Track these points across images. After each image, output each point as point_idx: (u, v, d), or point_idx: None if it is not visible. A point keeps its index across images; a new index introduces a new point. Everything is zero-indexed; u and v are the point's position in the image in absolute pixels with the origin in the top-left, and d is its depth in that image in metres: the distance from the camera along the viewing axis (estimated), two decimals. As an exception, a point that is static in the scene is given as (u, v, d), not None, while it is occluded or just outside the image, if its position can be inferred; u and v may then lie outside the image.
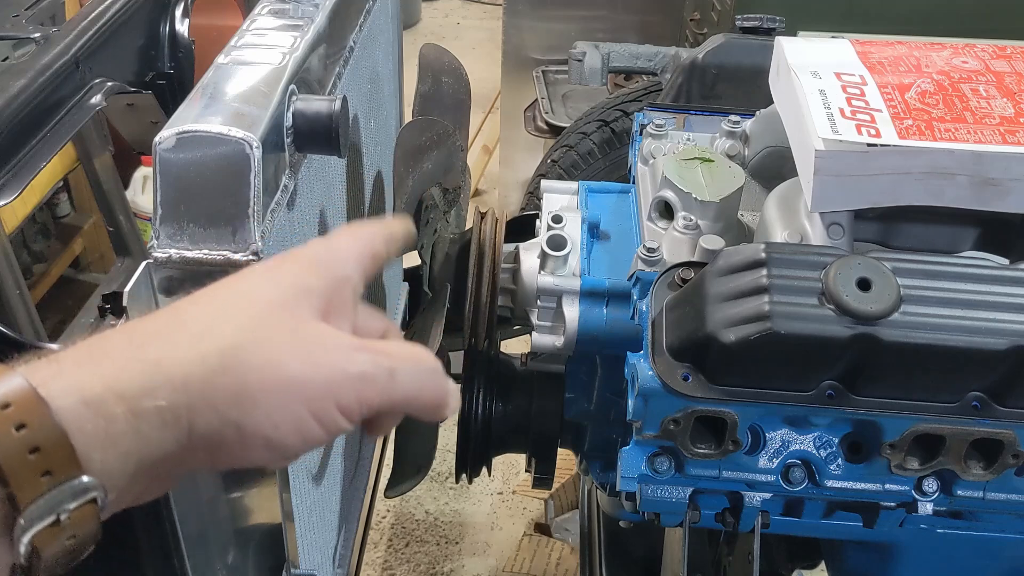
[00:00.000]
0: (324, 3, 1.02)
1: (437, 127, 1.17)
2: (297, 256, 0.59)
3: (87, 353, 0.50)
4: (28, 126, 1.05)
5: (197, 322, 0.53)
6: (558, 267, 1.06)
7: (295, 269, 0.58)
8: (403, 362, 0.57)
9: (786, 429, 0.82)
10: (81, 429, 0.47)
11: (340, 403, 0.54)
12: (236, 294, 0.56)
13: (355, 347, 0.55)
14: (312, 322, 0.55)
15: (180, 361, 0.50)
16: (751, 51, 1.33)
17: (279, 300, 0.55)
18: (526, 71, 3.09)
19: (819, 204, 0.84)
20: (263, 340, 0.52)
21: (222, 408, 0.51)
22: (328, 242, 0.62)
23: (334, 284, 0.58)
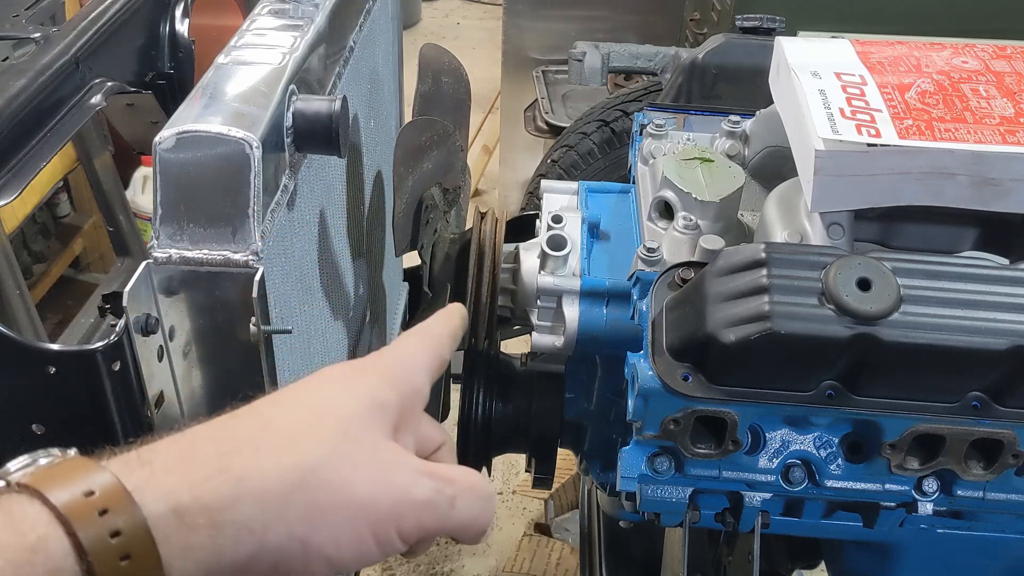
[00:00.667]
0: (324, 3, 1.02)
1: (437, 127, 1.17)
2: (375, 366, 0.61)
3: (177, 456, 0.52)
4: (28, 126, 1.05)
5: (280, 432, 0.54)
6: (558, 267, 1.06)
7: (372, 381, 0.59)
8: (463, 491, 0.58)
9: (786, 429, 0.82)
10: (167, 538, 0.49)
11: (400, 528, 0.55)
12: (317, 404, 0.57)
13: (422, 472, 0.57)
14: (385, 441, 0.57)
15: (262, 474, 0.52)
16: (751, 51, 1.33)
17: (357, 415, 0.56)
18: (526, 71, 3.09)
19: (819, 204, 0.84)
20: (340, 458, 0.54)
21: (293, 523, 0.52)
22: (401, 348, 0.63)
23: (407, 399, 0.60)
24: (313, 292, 1.04)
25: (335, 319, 1.16)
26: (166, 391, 0.81)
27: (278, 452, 0.53)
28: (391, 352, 0.63)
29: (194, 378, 0.83)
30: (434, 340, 0.65)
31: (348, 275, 1.22)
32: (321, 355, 1.09)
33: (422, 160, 1.14)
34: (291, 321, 0.93)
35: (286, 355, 0.90)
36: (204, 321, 0.80)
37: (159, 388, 0.80)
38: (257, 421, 0.55)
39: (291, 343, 0.92)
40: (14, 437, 0.80)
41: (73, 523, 0.46)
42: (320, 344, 1.08)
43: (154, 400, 0.79)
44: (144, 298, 0.76)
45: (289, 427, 0.55)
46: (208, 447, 0.53)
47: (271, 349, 0.83)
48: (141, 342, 0.76)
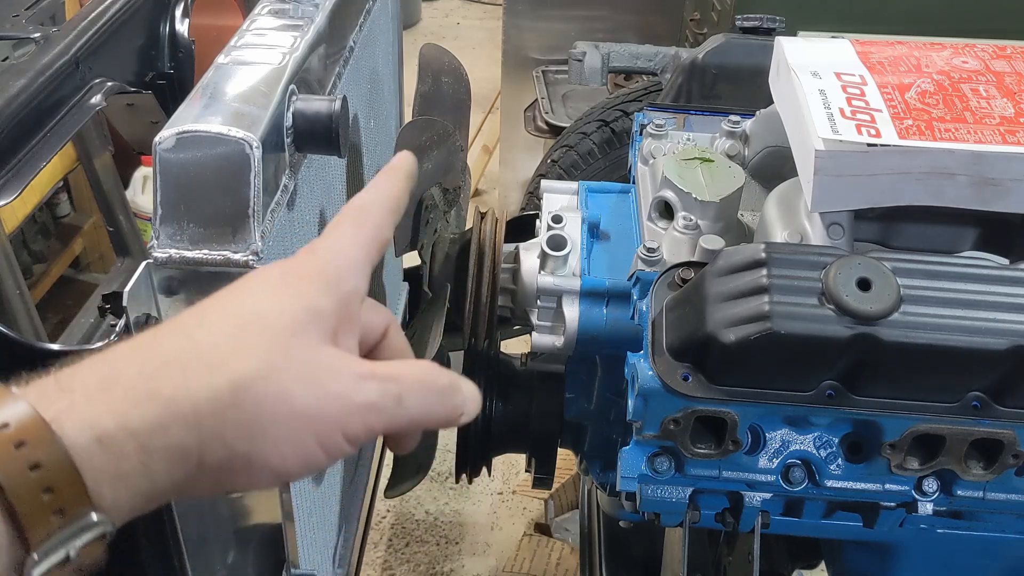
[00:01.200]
0: (324, 3, 1.02)
1: (437, 127, 1.17)
2: (307, 270, 0.58)
3: (99, 382, 0.50)
4: (28, 126, 1.05)
5: (209, 350, 0.52)
6: (558, 267, 1.06)
7: (305, 289, 0.57)
8: (410, 387, 0.57)
9: (786, 429, 0.82)
10: (93, 467, 0.47)
11: (346, 432, 0.54)
12: (248, 316, 0.55)
13: (363, 375, 0.55)
14: (323, 348, 0.55)
15: (192, 395, 0.50)
16: (751, 51, 1.33)
17: (291, 326, 0.54)
18: (526, 71, 3.09)
19: (819, 204, 0.84)
20: (275, 371, 0.52)
21: (232, 441, 0.51)
22: (333, 245, 0.61)
23: (344, 300, 0.58)
24: (313, 292, 1.04)
25: (335, 319, 1.16)
26: (166, 391, 0.81)
27: (208, 371, 0.51)
28: (323, 249, 0.60)
29: (194, 378, 0.83)
30: (370, 223, 0.62)
31: (348, 275, 1.21)
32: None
33: (422, 160, 1.14)
34: (291, 321, 0.93)
35: (286, 355, 0.90)
36: (204, 321, 0.80)
37: (159, 388, 0.80)
38: (183, 339, 0.53)
39: (291, 343, 0.92)
40: (14, 437, 0.79)
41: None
42: (320, 344, 1.08)
43: (154, 400, 0.79)
44: (144, 298, 0.76)
45: (218, 344, 0.53)
46: (132, 369, 0.51)
47: (271, 349, 0.82)
48: (141, 342, 0.75)
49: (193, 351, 0.52)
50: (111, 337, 0.74)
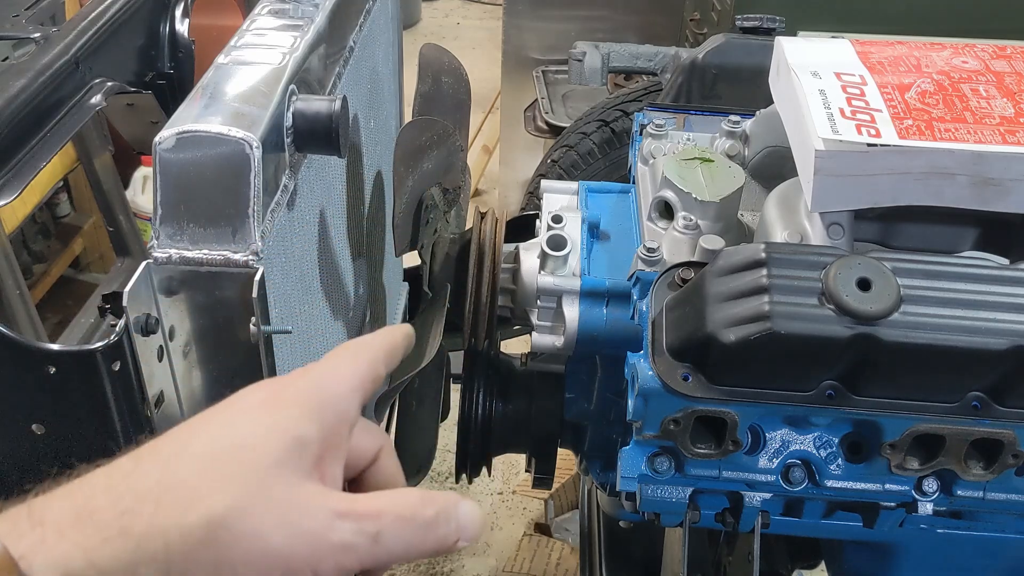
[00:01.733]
0: (324, 3, 1.02)
1: (437, 127, 1.17)
2: (295, 394, 0.57)
3: (72, 516, 0.49)
4: (28, 126, 1.05)
5: (184, 485, 0.51)
6: (558, 267, 1.06)
7: (291, 414, 0.55)
8: (391, 523, 0.54)
9: (786, 429, 0.82)
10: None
11: (318, 573, 0.52)
12: (227, 448, 0.53)
13: (341, 512, 0.53)
14: (302, 483, 0.54)
15: (165, 533, 0.49)
16: (751, 51, 1.33)
17: (271, 459, 0.53)
18: (526, 71, 3.09)
19: (819, 204, 0.84)
20: (250, 509, 0.51)
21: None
22: (327, 372, 0.59)
23: (331, 428, 0.56)
24: (313, 292, 1.04)
25: (335, 319, 1.16)
26: (166, 391, 0.81)
27: (182, 508, 0.49)
28: (315, 374, 0.59)
29: (194, 378, 0.83)
30: (367, 356, 0.62)
31: (348, 275, 1.22)
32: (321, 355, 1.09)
33: (422, 160, 1.14)
34: (291, 321, 0.93)
35: (286, 355, 0.90)
36: (204, 321, 0.80)
37: (159, 388, 0.80)
38: (159, 470, 0.52)
39: (291, 343, 0.92)
40: (14, 437, 0.80)
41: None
42: (320, 344, 1.08)
43: (154, 400, 0.79)
44: (144, 298, 0.76)
45: (194, 476, 0.51)
46: (105, 503, 0.49)
47: (271, 349, 0.82)
48: (141, 342, 0.76)
49: (168, 485, 0.51)
50: (110, 338, 0.74)
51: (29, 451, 0.80)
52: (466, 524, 0.57)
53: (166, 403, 0.81)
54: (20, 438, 0.79)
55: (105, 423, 0.78)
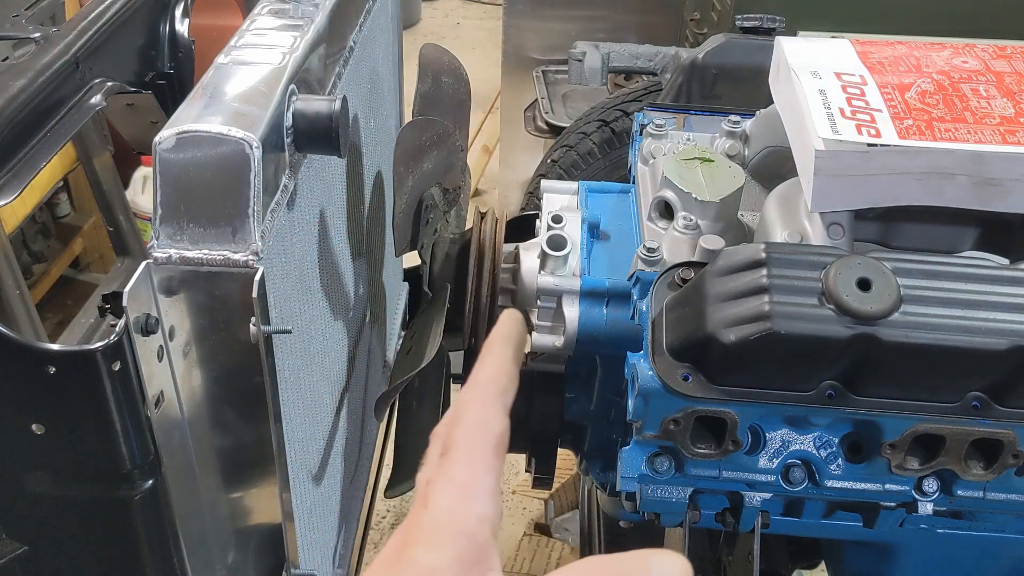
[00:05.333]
0: (324, 3, 1.02)
1: (437, 127, 1.17)
2: (418, 531, 0.51)
3: None
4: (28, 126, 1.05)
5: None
6: (558, 267, 1.06)
7: (416, 553, 0.50)
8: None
9: (786, 429, 0.82)
10: None
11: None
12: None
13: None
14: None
15: None
16: (751, 51, 1.33)
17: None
18: (526, 71, 3.09)
19: (819, 204, 0.84)
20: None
21: None
22: (448, 482, 0.53)
23: (463, 546, 0.50)
24: (313, 292, 1.04)
25: (335, 319, 1.16)
26: (166, 391, 0.81)
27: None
28: (433, 496, 0.52)
29: (194, 378, 0.83)
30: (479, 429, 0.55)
31: (348, 275, 1.22)
32: (321, 355, 1.09)
33: (422, 160, 1.14)
34: (291, 321, 0.93)
35: (286, 355, 0.90)
36: (204, 321, 0.80)
37: (159, 388, 0.80)
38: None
39: (291, 343, 0.92)
40: (14, 437, 0.80)
41: None
42: (320, 344, 1.08)
43: (154, 400, 0.79)
44: (144, 298, 0.76)
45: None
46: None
47: (271, 349, 0.82)
48: (141, 342, 0.76)
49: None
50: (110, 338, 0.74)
51: (29, 451, 0.80)
52: None
53: (166, 403, 0.81)
54: (20, 438, 0.79)
55: (105, 423, 0.78)
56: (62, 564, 0.89)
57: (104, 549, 0.87)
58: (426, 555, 0.49)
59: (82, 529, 0.86)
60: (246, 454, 0.88)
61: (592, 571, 0.51)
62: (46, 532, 0.87)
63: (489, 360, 0.59)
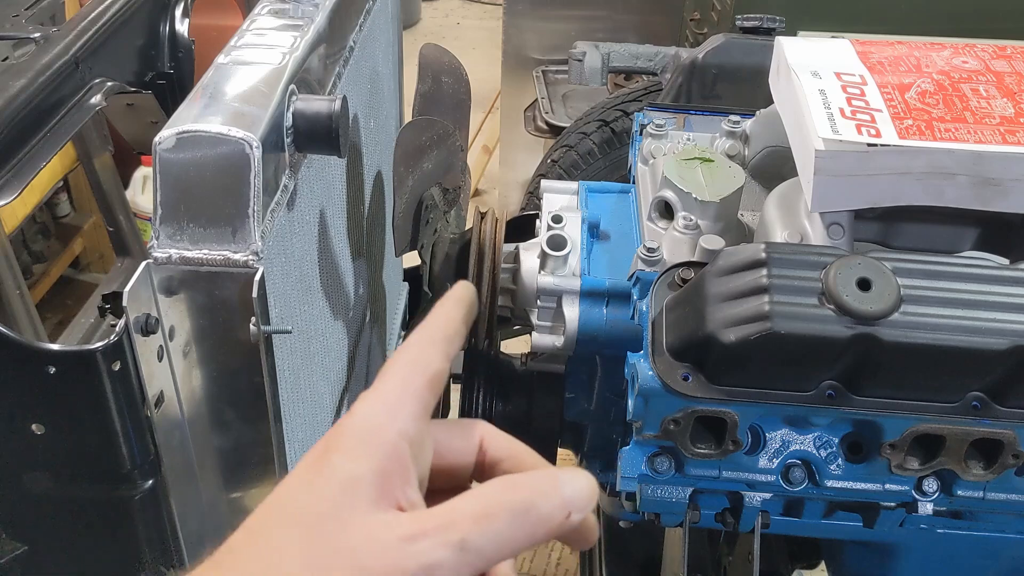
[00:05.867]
0: (324, 3, 1.02)
1: (437, 127, 1.17)
2: (342, 435, 0.53)
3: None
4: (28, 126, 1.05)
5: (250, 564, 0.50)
6: (558, 267, 1.06)
7: (339, 459, 0.52)
8: (471, 526, 0.50)
9: (786, 429, 0.82)
10: None
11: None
12: (284, 517, 0.51)
13: (410, 536, 0.50)
14: (361, 523, 0.50)
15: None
16: (751, 51, 1.33)
17: (324, 511, 0.50)
18: (526, 71, 3.09)
19: (819, 204, 0.84)
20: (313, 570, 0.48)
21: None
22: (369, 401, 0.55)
23: (384, 457, 0.52)
24: (313, 292, 1.04)
25: (335, 319, 1.16)
26: (166, 391, 0.81)
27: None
28: (357, 409, 0.55)
29: (194, 378, 0.83)
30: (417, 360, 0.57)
31: (348, 275, 1.22)
32: (321, 355, 1.09)
33: (422, 160, 1.14)
34: (291, 321, 0.93)
35: (286, 355, 0.90)
36: (204, 321, 0.80)
37: (159, 388, 0.80)
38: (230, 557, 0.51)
39: (291, 343, 0.92)
40: (14, 437, 0.80)
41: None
42: (320, 344, 1.08)
43: (154, 400, 0.79)
44: (144, 298, 0.76)
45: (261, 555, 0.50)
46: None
47: (271, 349, 0.82)
48: (141, 342, 0.76)
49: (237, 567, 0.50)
50: (110, 338, 0.74)
51: (29, 451, 0.80)
52: (572, 495, 0.52)
53: (166, 403, 0.81)
54: (20, 438, 0.79)
55: (105, 423, 0.78)
56: (62, 564, 0.89)
57: (104, 549, 0.87)
58: (347, 463, 0.51)
59: (82, 529, 0.86)
60: (246, 454, 0.88)
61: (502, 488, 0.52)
62: (46, 532, 0.87)
63: (439, 312, 0.61)
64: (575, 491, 0.52)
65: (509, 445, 0.60)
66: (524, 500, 0.51)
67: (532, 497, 0.51)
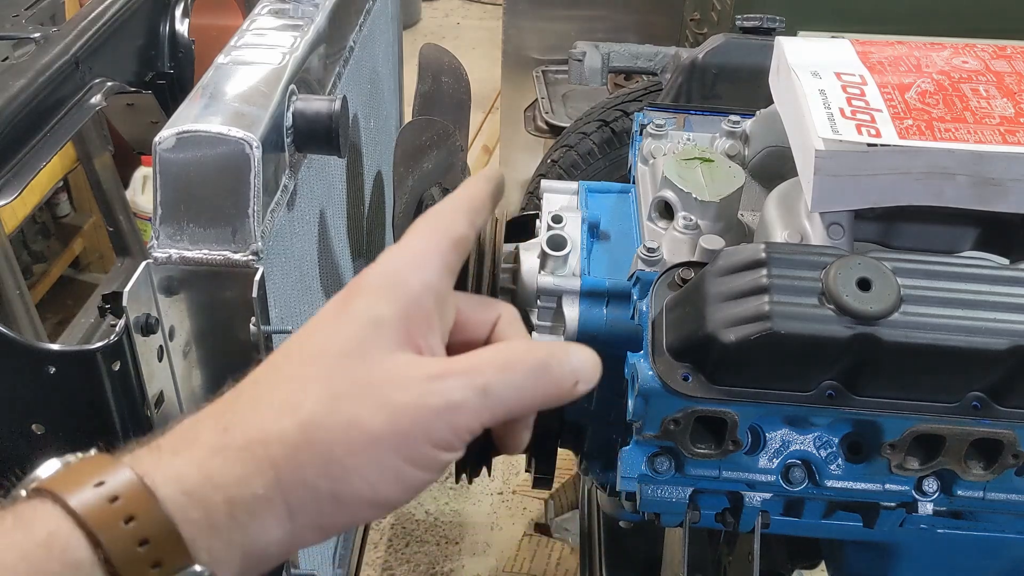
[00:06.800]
0: (324, 3, 1.02)
1: (437, 127, 1.17)
2: (366, 282, 0.55)
3: (182, 439, 0.50)
4: (28, 126, 1.05)
5: (274, 394, 0.51)
6: (558, 267, 1.06)
7: (363, 303, 0.54)
8: (495, 373, 0.52)
9: (786, 429, 0.82)
10: (186, 519, 0.47)
11: (434, 441, 0.51)
12: (309, 349, 0.53)
13: (436, 374, 0.51)
14: (386, 361, 0.52)
15: (264, 444, 0.49)
16: (751, 51, 1.33)
17: (349, 348, 0.52)
18: (526, 71, 3.09)
19: (819, 204, 0.84)
20: (339, 399, 0.50)
21: (314, 482, 0.49)
22: (397, 252, 0.57)
23: (408, 303, 0.54)
24: (313, 292, 1.04)
25: (335, 319, 1.16)
26: (166, 391, 0.81)
27: (276, 415, 0.49)
28: (385, 258, 0.56)
29: (194, 378, 0.83)
30: (439, 222, 0.58)
31: (348, 275, 1.22)
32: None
33: (422, 160, 1.14)
34: (291, 321, 0.93)
35: (286, 355, 0.90)
36: (204, 321, 0.80)
37: (159, 388, 0.80)
38: (252, 387, 0.52)
39: (291, 343, 0.92)
40: (14, 437, 0.80)
41: (83, 516, 0.45)
42: (320, 344, 1.08)
43: (154, 400, 0.80)
44: (144, 298, 0.76)
45: (282, 388, 0.51)
46: (210, 424, 0.50)
47: (271, 349, 0.83)
48: (141, 342, 0.76)
49: (262, 398, 0.51)
50: (110, 338, 0.74)
51: (29, 451, 0.80)
52: (580, 366, 0.56)
53: (166, 403, 0.81)
54: (20, 438, 0.79)
55: (105, 423, 0.78)
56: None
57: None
58: (372, 306, 0.53)
59: (82, 529, 0.86)
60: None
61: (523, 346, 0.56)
62: (46, 532, 0.87)
63: (467, 185, 0.63)
64: (582, 361, 0.56)
65: (519, 332, 0.62)
66: (542, 360, 0.54)
67: (548, 359, 0.54)
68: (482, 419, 0.52)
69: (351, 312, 0.54)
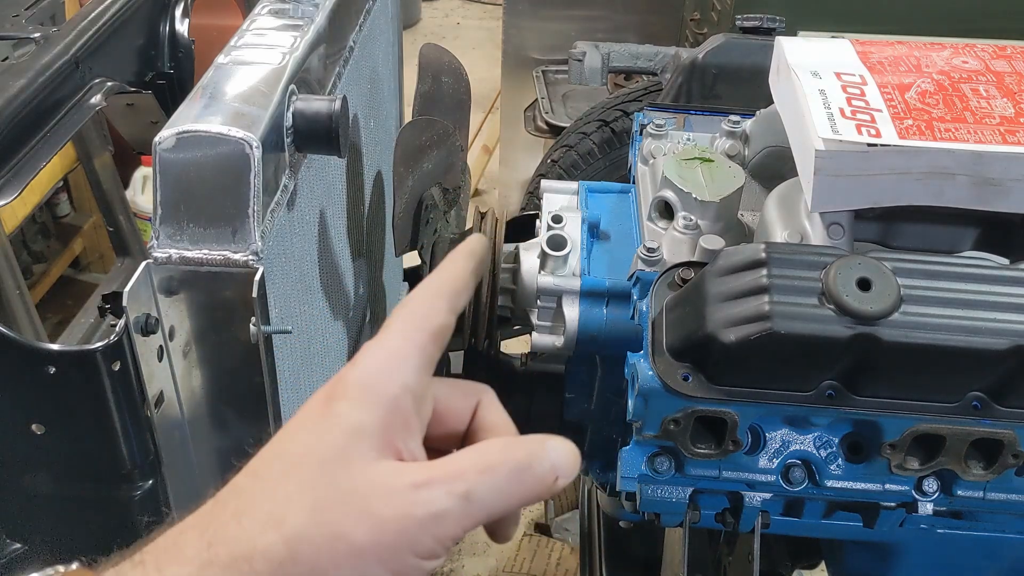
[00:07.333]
0: (324, 3, 1.02)
1: (437, 127, 1.17)
2: (345, 385, 0.54)
3: (166, 553, 0.49)
4: (28, 126, 1.05)
5: (257, 507, 0.51)
6: (558, 267, 1.06)
7: (343, 408, 0.53)
8: (477, 478, 0.52)
9: (786, 429, 0.82)
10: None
11: (418, 552, 0.50)
12: (290, 458, 0.52)
13: (418, 484, 0.51)
14: (368, 470, 0.51)
15: (248, 560, 0.48)
16: (751, 51, 1.33)
17: (331, 456, 0.51)
18: (526, 71, 3.09)
19: (819, 204, 0.84)
20: (324, 512, 0.50)
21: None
22: (373, 352, 0.56)
23: (388, 410, 0.53)
24: (313, 292, 1.04)
25: (335, 319, 1.16)
26: (166, 391, 0.81)
27: (261, 528, 0.49)
28: (361, 359, 0.56)
29: (194, 378, 0.83)
30: (420, 313, 0.58)
31: (348, 275, 1.22)
32: (321, 355, 1.09)
33: (422, 160, 1.14)
34: (291, 321, 0.93)
35: (286, 355, 0.90)
36: (204, 321, 0.80)
37: (159, 388, 0.80)
38: (235, 498, 0.52)
39: (291, 343, 0.93)
40: (14, 437, 0.80)
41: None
42: (320, 344, 1.08)
43: (154, 400, 0.80)
44: (144, 298, 0.76)
45: (265, 497, 0.51)
46: (193, 536, 0.50)
47: (271, 349, 0.83)
48: (141, 342, 0.76)
49: (245, 511, 0.51)
50: (110, 338, 0.74)
51: (29, 451, 0.80)
52: (560, 460, 0.54)
53: (166, 403, 0.81)
54: (20, 438, 0.79)
55: (105, 423, 0.78)
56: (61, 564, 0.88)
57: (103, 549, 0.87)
58: (352, 412, 0.53)
59: (82, 529, 0.87)
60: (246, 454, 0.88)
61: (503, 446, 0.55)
62: (45, 532, 0.87)
63: (447, 266, 0.62)
64: (561, 456, 0.54)
65: (499, 418, 0.62)
66: (522, 459, 0.53)
67: (528, 459, 0.53)
68: (465, 525, 0.52)
69: (332, 417, 0.53)
